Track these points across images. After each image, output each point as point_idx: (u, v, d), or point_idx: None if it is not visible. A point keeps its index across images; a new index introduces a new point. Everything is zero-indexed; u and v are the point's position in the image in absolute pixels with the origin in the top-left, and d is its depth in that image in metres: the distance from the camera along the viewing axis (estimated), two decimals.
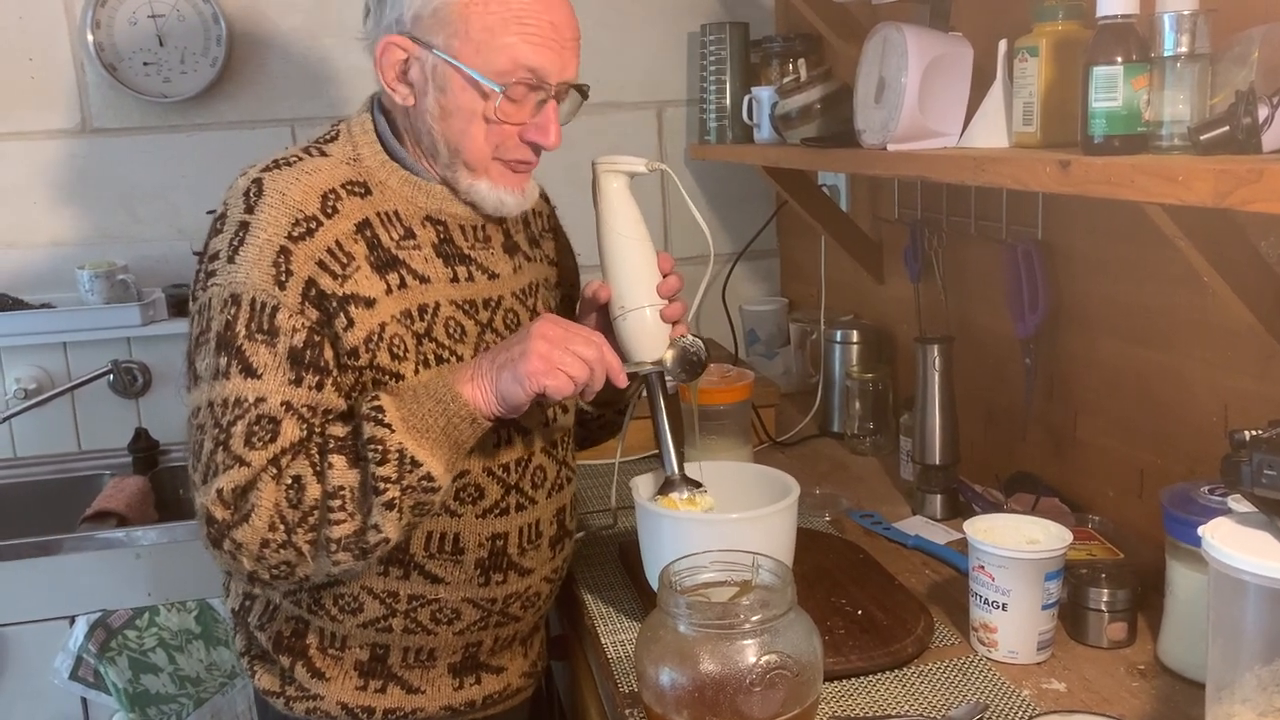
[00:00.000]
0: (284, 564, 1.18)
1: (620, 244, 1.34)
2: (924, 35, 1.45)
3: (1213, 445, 1.33)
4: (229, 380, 1.18)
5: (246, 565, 1.19)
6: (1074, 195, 1.15)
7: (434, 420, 1.18)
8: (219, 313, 1.19)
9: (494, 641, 1.40)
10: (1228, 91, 1.06)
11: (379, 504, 1.16)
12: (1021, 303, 1.65)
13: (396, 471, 1.16)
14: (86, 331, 2.30)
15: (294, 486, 1.16)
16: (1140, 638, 1.29)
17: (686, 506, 1.31)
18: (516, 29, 1.22)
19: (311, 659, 1.35)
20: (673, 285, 1.34)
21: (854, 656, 1.25)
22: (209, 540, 1.19)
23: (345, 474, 1.17)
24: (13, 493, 2.32)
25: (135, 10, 2.28)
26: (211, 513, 1.17)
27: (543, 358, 1.18)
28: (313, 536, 1.17)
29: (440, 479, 1.18)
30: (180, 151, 2.38)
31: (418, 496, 1.18)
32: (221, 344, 1.19)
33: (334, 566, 1.19)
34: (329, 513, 1.16)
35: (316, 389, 1.20)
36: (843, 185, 2.35)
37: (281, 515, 1.16)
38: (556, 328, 1.21)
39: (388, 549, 1.21)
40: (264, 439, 1.17)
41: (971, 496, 1.67)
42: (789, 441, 2.14)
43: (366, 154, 1.29)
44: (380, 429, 1.17)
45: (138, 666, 2.02)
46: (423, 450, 1.17)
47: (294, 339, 1.19)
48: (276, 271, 1.18)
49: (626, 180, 1.35)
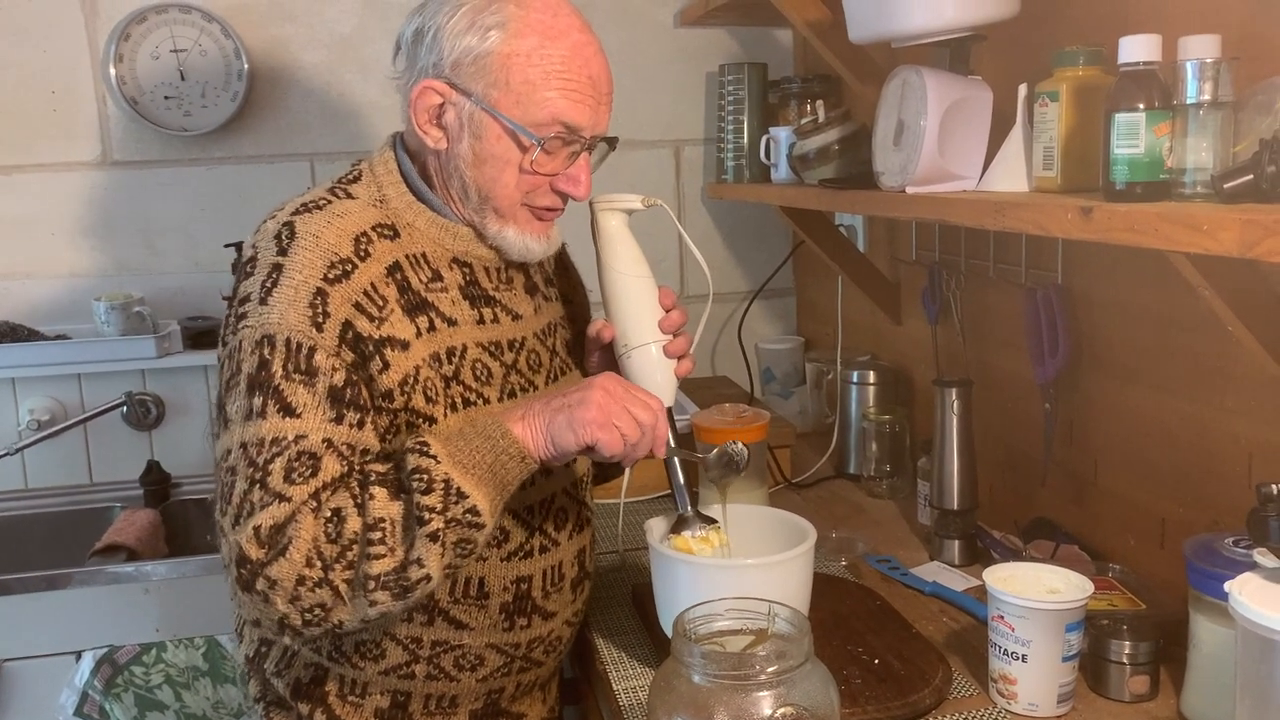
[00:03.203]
0: (319, 606, 1.12)
1: (621, 281, 1.34)
2: (943, 79, 1.44)
3: (1236, 496, 1.31)
4: (265, 420, 1.14)
5: (280, 607, 1.12)
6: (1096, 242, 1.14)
7: (481, 456, 1.15)
8: (250, 354, 1.17)
9: (515, 688, 1.38)
10: (1251, 139, 1.05)
11: (423, 535, 1.12)
12: (1041, 347, 1.64)
13: (442, 502, 1.13)
14: (101, 363, 2.29)
15: (333, 520, 1.12)
16: (1163, 691, 1.27)
17: (700, 544, 1.30)
18: (558, 83, 1.22)
19: (331, 706, 1.32)
20: (675, 320, 1.34)
21: (871, 707, 1.23)
22: (240, 584, 1.13)
23: (387, 506, 1.13)
24: (23, 524, 2.31)
25: (158, 45, 2.30)
26: (245, 552, 1.11)
27: (601, 409, 1.17)
28: (350, 575, 1.12)
29: (485, 515, 1.15)
30: (199, 185, 2.40)
31: (461, 531, 1.14)
32: (255, 385, 1.16)
33: (371, 608, 1.13)
34: (369, 546, 1.12)
35: (357, 427, 1.17)
36: (860, 225, 2.35)
37: (319, 550, 1.11)
38: (619, 385, 1.20)
39: (428, 589, 1.16)
40: (304, 475, 1.13)
41: (990, 543, 1.65)
42: (805, 483, 2.12)
43: (392, 195, 1.29)
44: (426, 459, 1.14)
45: (144, 703, 2.00)
46: (469, 483, 1.14)
47: (333, 378, 1.17)
48: (313, 313, 1.17)
49: (625, 218, 1.36)
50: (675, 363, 1.34)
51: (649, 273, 1.36)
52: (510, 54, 1.21)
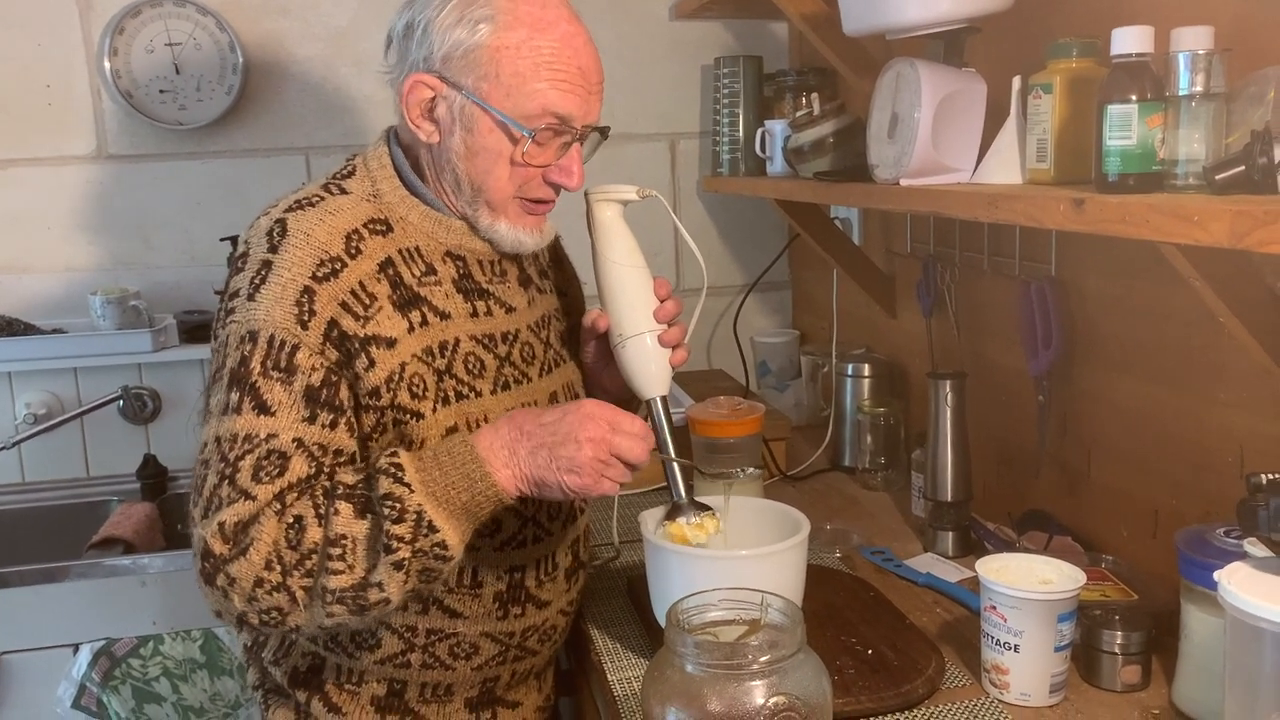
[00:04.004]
0: (275, 610, 1.14)
1: (616, 272, 1.35)
2: (938, 71, 1.45)
3: (1228, 487, 1.32)
4: (240, 416, 1.16)
5: (237, 604, 1.14)
6: (1088, 233, 1.14)
7: (457, 494, 1.15)
8: (234, 349, 1.18)
9: (511, 676, 1.39)
10: (1243, 131, 1.06)
11: (387, 562, 1.13)
12: (1035, 339, 1.64)
13: (411, 533, 1.13)
14: (98, 357, 2.29)
15: (294, 527, 1.13)
16: (1155, 681, 1.27)
17: (695, 531, 1.30)
18: (547, 75, 1.22)
19: (328, 694, 1.33)
20: (670, 310, 1.34)
21: (864, 697, 1.23)
22: (202, 576, 1.15)
23: (351, 523, 1.14)
24: (20, 517, 2.31)
25: (152, 38, 2.30)
26: (210, 546, 1.13)
27: (591, 470, 1.17)
28: (308, 583, 1.13)
29: (454, 548, 1.15)
30: (195, 178, 2.40)
31: (427, 562, 1.15)
32: (234, 380, 1.17)
33: (327, 619, 1.15)
34: (328, 560, 1.13)
35: (329, 428, 1.18)
36: (855, 219, 2.35)
37: (279, 555, 1.13)
38: (606, 430, 1.18)
39: (387, 610, 1.17)
40: (271, 474, 1.15)
41: (984, 534, 1.65)
42: (800, 475, 2.13)
43: (386, 189, 1.29)
44: (399, 487, 1.14)
45: (141, 696, 2.01)
46: (440, 516, 1.14)
47: (311, 378, 1.17)
48: (299, 311, 1.17)
49: (620, 209, 1.36)
50: (670, 352, 1.34)
51: (644, 263, 1.36)
52: (499, 46, 1.22)
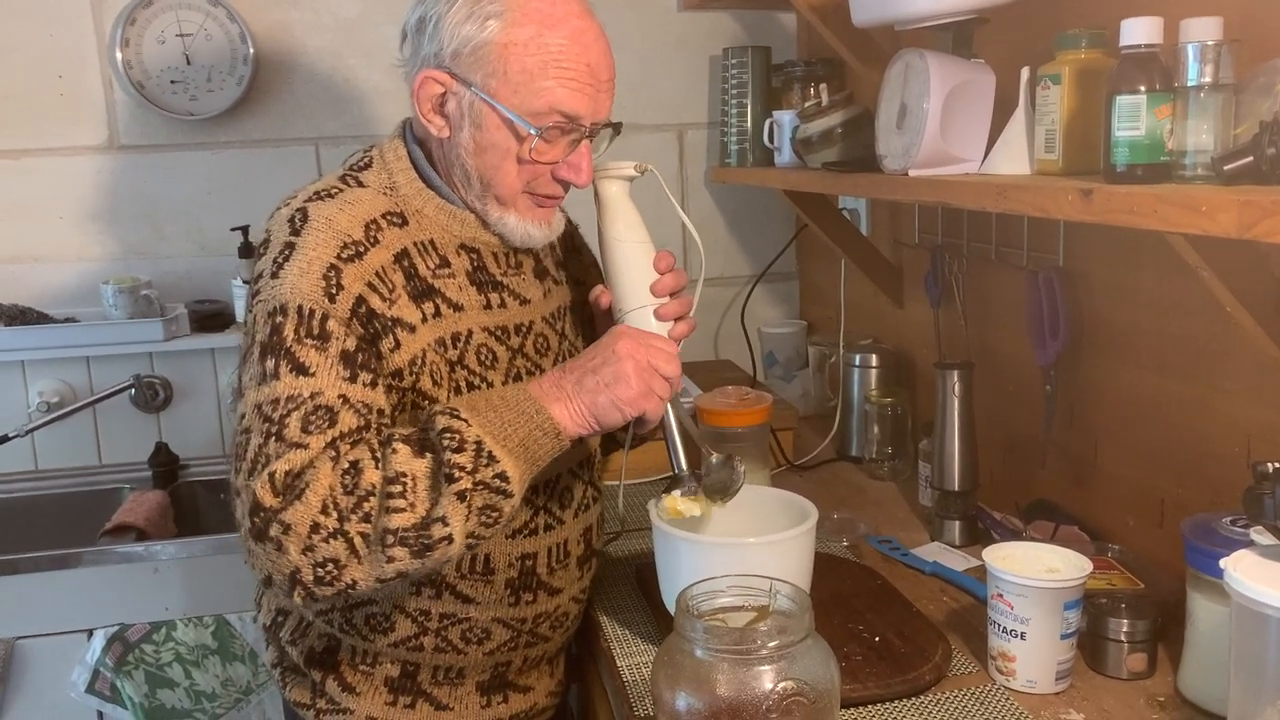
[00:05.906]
0: (332, 561, 1.09)
1: (615, 247, 1.35)
2: (946, 62, 1.45)
3: (1234, 476, 1.32)
4: (279, 380, 1.14)
5: (293, 556, 1.08)
6: (1096, 224, 1.15)
7: (514, 430, 1.15)
8: (263, 324, 1.18)
9: (523, 661, 1.41)
10: (1252, 122, 1.06)
11: (450, 493, 1.10)
12: (1042, 329, 1.65)
13: (472, 462, 1.11)
14: (109, 346, 2.31)
15: (351, 471, 1.10)
16: (1160, 669, 1.28)
17: (688, 504, 1.31)
18: (555, 73, 1.22)
19: (343, 674, 1.36)
20: (668, 284, 1.33)
21: (871, 683, 1.24)
22: (252, 535, 1.10)
23: (410, 461, 1.11)
24: (33, 505, 2.34)
25: (164, 29, 2.31)
26: (260, 499, 1.09)
27: (640, 379, 1.19)
28: (366, 529, 1.09)
29: (514, 483, 1.14)
30: (205, 168, 2.41)
31: (489, 497, 1.13)
32: (267, 350, 1.16)
33: (388, 564, 1.10)
34: (388, 499, 1.10)
35: (370, 387, 1.17)
36: (863, 209, 2.35)
37: (335, 500, 1.09)
38: (640, 347, 1.21)
39: (449, 553, 1.13)
40: (321, 426, 1.12)
41: (990, 523, 1.66)
42: (807, 465, 2.14)
43: (402, 182, 1.30)
44: (457, 421, 1.13)
45: (154, 681, 2.03)
46: (500, 450, 1.14)
47: (345, 343, 1.17)
48: (326, 284, 1.17)
49: (625, 185, 1.36)
50: (671, 325, 1.33)
51: (646, 238, 1.35)
52: (508, 43, 1.22)
